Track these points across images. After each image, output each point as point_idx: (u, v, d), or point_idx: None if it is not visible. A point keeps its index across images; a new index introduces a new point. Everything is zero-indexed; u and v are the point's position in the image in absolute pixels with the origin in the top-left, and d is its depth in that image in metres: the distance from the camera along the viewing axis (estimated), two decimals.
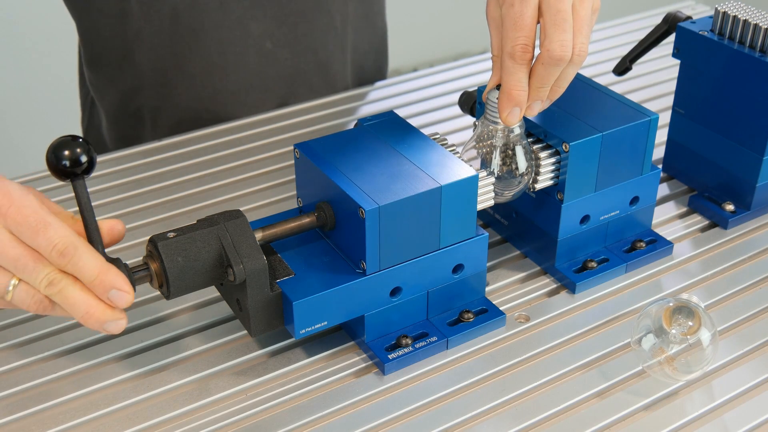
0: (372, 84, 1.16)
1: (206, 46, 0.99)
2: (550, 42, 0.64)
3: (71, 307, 0.58)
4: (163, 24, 0.98)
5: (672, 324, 0.65)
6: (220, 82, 1.02)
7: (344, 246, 0.67)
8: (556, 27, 0.64)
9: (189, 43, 0.99)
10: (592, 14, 0.67)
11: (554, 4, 0.64)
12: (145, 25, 0.98)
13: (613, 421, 0.64)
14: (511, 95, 0.66)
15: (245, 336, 0.72)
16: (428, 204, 0.65)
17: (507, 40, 0.65)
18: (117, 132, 1.09)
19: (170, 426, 0.64)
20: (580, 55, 0.65)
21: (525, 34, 0.64)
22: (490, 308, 0.73)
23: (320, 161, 0.68)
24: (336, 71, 1.08)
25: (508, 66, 0.65)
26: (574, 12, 0.65)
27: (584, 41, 0.65)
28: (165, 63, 1.00)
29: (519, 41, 0.64)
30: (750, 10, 0.82)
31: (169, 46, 0.99)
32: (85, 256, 0.58)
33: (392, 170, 0.67)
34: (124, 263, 0.61)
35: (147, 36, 0.98)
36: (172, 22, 0.97)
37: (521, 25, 0.64)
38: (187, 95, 1.03)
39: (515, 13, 0.64)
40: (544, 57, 0.64)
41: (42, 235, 0.57)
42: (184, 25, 0.98)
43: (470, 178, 0.66)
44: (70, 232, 0.58)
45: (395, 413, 0.65)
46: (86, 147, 0.60)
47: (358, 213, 0.63)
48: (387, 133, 0.71)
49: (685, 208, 0.87)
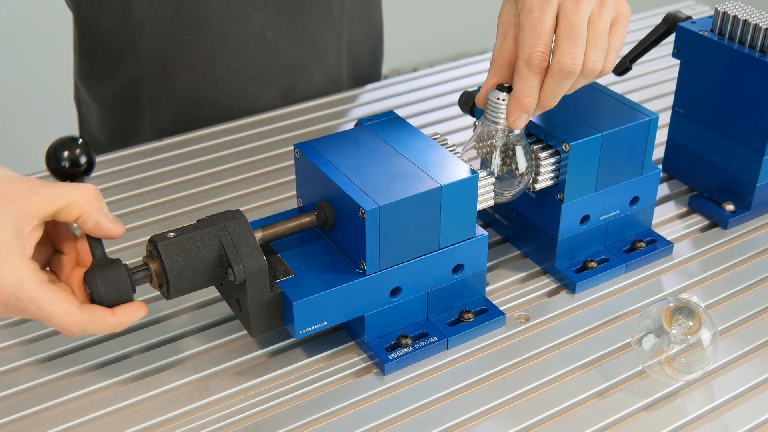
0: (367, 76, 1.16)
1: (208, 35, 1.00)
2: (561, 54, 0.64)
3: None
4: (166, 13, 0.98)
5: (672, 324, 0.65)
6: (221, 72, 1.03)
7: (344, 246, 0.67)
8: (569, 39, 0.64)
9: (191, 32, 0.99)
10: (618, 26, 0.67)
11: (570, 16, 0.64)
12: (148, 15, 0.98)
13: (613, 421, 0.64)
14: (522, 101, 0.66)
15: (245, 336, 0.72)
16: (428, 204, 0.65)
17: (525, 46, 0.65)
18: (113, 126, 1.09)
19: (170, 426, 0.64)
20: (592, 69, 0.65)
21: (543, 42, 0.64)
22: (490, 308, 0.73)
23: (320, 161, 0.68)
24: (332, 61, 1.09)
25: (522, 72, 0.65)
26: (591, 25, 0.65)
27: (598, 54, 0.65)
28: (166, 53, 1.01)
29: (537, 48, 0.64)
30: (750, 10, 0.82)
31: (171, 36, 0.99)
32: (100, 326, 0.60)
33: (392, 170, 0.67)
34: (125, 264, 0.61)
35: (149, 26, 0.99)
36: (174, 12, 0.98)
37: (540, 32, 0.64)
38: (187, 85, 1.03)
39: (534, 19, 0.64)
40: (555, 68, 0.64)
41: (48, 323, 0.59)
42: (187, 15, 0.98)
43: (470, 178, 0.66)
44: (69, 320, 0.59)
45: (395, 413, 0.65)
46: (86, 148, 0.60)
47: (358, 213, 0.63)
48: (387, 133, 0.71)
49: (685, 208, 0.87)
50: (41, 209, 0.58)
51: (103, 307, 0.60)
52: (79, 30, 1.05)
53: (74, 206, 0.59)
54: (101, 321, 0.59)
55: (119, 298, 0.60)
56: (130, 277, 0.61)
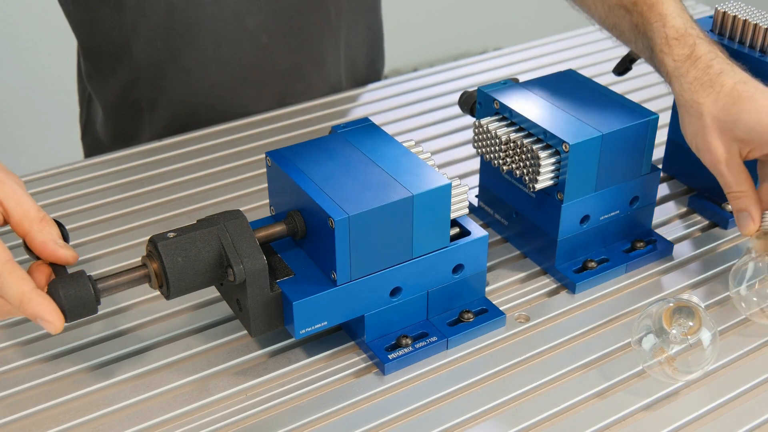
0: (366, 79, 1.16)
1: (202, 39, 1.00)
2: None
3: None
4: (159, 17, 0.98)
5: (672, 324, 0.65)
6: (216, 76, 1.02)
7: (316, 255, 0.67)
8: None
9: (184, 36, 0.99)
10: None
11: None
12: (141, 19, 0.98)
13: (613, 421, 0.64)
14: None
15: (245, 336, 0.72)
16: (400, 213, 0.64)
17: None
18: (114, 125, 1.09)
19: (170, 426, 0.64)
20: None
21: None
22: (490, 308, 0.73)
23: (291, 169, 0.67)
24: (330, 65, 1.09)
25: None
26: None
27: None
28: (161, 56, 1.00)
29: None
30: (750, 10, 0.82)
31: (165, 40, 0.99)
32: (6, 285, 0.57)
33: (364, 179, 0.66)
34: (89, 275, 0.60)
35: (143, 29, 0.99)
36: (167, 16, 0.98)
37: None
38: (183, 89, 1.03)
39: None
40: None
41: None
42: (180, 19, 0.98)
43: (443, 187, 0.66)
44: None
45: (395, 413, 0.65)
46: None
47: (328, 223, 0.63)
48: (361, 141, 0.70)
49: (685, 208, 0.87)
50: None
51: (25, 279, 0.58)
52: (78, 31, 1.05)
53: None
54: (11, 283, 0.57)
55: (83, 311, 0.60)
56: (94, 289, 0.60)
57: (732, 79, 0.72)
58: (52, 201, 0.89)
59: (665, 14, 0.75)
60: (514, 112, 0.75)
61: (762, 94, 0.71)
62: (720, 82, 0.72)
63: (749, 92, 0.71)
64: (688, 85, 0.73)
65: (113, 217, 0.87)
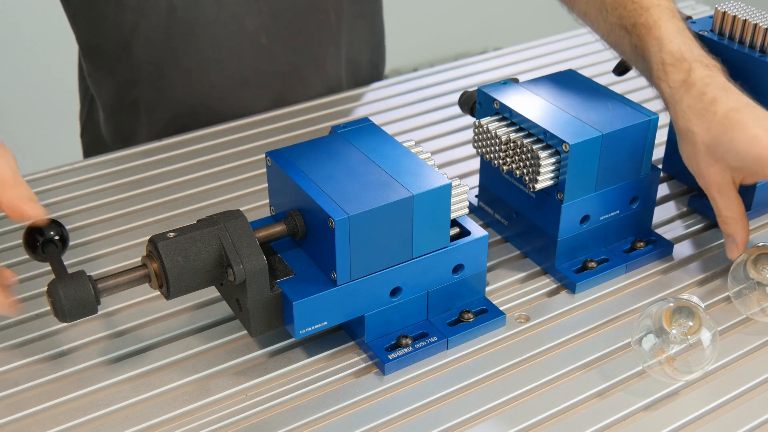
0: (367, 82, 1.16)
1: (201, 40, 1.00)
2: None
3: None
4: (159, 18, 0.98)
5: (672, 324, 0.65)
6: (216, 77, 1.02)
7: (316, 255, 0.67)
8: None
9: (184, 37, 0.99)
10: None
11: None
12: (141, 19, 0.98)
13: (613, 421, 0.64)
14: None
15: (245, 336, 0.72)
16: (400, 213, 0.64)
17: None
18: (114, 125, 1.09)
19: (170, 426, 0.64)
20: None
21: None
22: (490, 308, 0.73)
23: (291, 169, 0.67)
24: (330, 67, 1.09)
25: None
26: None
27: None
28: (161, 57, 1.01)
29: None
30: (750, 10, 0.82)
31: (165, 40, 0.99)
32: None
33: (364, 179, 0.66)
34: (89, 275, 0.61)
35: (143, 29, 0.99)
36: (168, 17, 0.98)
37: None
38: (182, 89, 1.03)
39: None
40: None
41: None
42: (180, 20, 0.98)
43: (443, 187, 0.66)
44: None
45: (395, 413, 0.65)
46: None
47: (328, 223, 0.63)
48: (361, 141, 0.70)
49: (685, 208, 0.87)
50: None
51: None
52: (79, 30, 1.05)
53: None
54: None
55: (83, 311, 0.60)
56: (94, 289, 0.60)
57: (724, 106, 0.72)
58: (52, 201, 0.89)
59: (662, 38, 0.75)
60: (514, 112, 0.75)
61: (753, 122, 0.70)
62: (713, 111, 0.72)
63: (740, 120, 0.71)
64: (683, 113, 0.74)
65: (113, 217, 0.87)
